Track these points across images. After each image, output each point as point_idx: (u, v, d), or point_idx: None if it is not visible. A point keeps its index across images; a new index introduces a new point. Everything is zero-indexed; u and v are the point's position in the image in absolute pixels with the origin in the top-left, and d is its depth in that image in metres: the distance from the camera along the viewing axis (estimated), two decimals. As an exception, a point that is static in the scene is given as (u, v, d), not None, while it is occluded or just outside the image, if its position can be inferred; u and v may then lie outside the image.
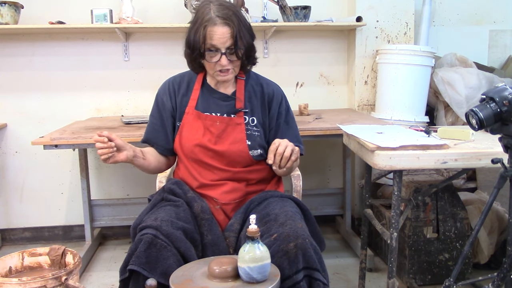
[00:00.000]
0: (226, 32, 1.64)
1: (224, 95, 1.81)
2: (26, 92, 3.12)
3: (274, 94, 1.85)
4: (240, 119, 1.78)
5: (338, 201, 3.30)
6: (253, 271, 1.32)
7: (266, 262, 1.34)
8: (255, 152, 1.78)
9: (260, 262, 1.32)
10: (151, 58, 3.17)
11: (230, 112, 1.79)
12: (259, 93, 1.84)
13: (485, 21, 3.45)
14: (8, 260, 1.83)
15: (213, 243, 1.65)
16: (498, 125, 1.59)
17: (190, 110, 1.79)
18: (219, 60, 1.67)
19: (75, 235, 3.28)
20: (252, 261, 1.32)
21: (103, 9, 2.87)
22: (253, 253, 1.32)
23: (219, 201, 1.75)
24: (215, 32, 1.64)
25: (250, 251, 1.33)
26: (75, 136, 2.40)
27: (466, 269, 2.42)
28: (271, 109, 1.83)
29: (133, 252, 1.49)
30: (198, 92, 1.81)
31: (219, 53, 1.66)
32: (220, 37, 1.64)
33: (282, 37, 3.25)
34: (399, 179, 1.85)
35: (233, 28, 1.65)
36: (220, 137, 1.76)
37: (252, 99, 1.82)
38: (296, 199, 1.82)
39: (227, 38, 1.64)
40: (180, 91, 1.83)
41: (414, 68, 2.86)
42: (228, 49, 1.66)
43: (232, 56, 1.69)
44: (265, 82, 1.88)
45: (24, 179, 3.20)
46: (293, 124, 1.89)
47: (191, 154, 1.77)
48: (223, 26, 1.64)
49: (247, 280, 1.34)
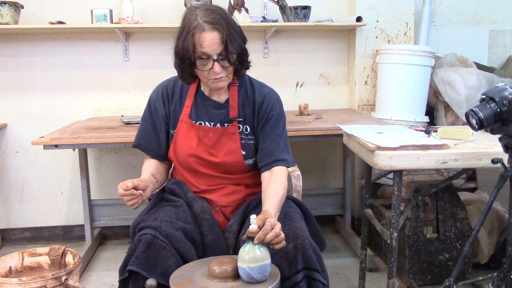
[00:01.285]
0: (215, 38, 1.55)
1: (217, 103, 1.74)
2: (26, 92, 3.12)
3: (265, 99, 1.75)
4: (234, 128, 1.73)
5: (338, 201, 3.29)
6: (253, 271, 1.32)
7: (267, 262, 1.34)
8: (250, 161, 1.74)
9: (261, 262, 1.32)
10: (151, 58, 3.17)
11: (223, 121, 1.73)
12: (251, 98, 1.76)
13: (485, 21, 3.45)
14: (8, 260, 1.83)
15: (214, 243, 1.65)
16: (498, 125, 1.59)
17: (184, 118, 1.74)
18: (212, 67, 1.58)
19: (75, 235, 3.28)
20: (252, 261, 1.31)
21: (103, 9, 2.87)
22: (253, 253, 1.32)
23: (219, 203, 1.73)
24: (205, 39, 1.55)
25: (250, 251, 1.33)
26: (75, 136, 2.40)
27: (466, 269, 2.42)
28: (260, 115, 1.75)
29: (132, 252, 1.49)
30: (192, 99, 1.75)
31: (211, 61, 1.58)
32: (210, 44, 1.55)
33: (282, 37, 3.25)
34: (399, 179, 1.85)
35: (223, 33, 1.56)
36: (215, 148, 1.72)
37: (245, 106, 1.75)
38: (296, 199, 1.81)
39: (217, 44, 1.56)
40: (174, 97, 1.77)
41: (414, 68, 2.86)
42: (220, 55, 1.58)
43: (224, 62, 1.60)
44: (258, 88, 1.78)
45: (24, 179, 3.20)
46: (284, 132, 1.78)
47: (185, 163, 1.74)
48: (212, 31, 1.55)
49: (247, 280, 1.33)
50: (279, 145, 1.73)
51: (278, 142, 1.74)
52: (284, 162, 1.73)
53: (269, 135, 1.73)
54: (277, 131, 1.74)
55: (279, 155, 1.72)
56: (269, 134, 1.73)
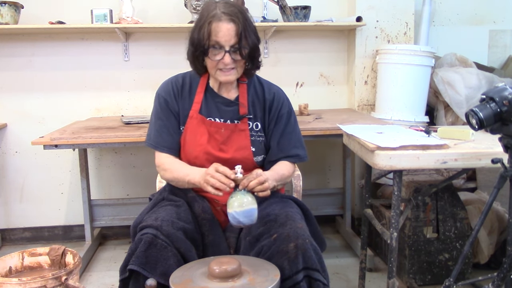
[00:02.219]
0: (231, 29, 1.60)
1: (227, 100, 1.76)
2: (26, 92, 3.12)
3: (275, 98, 1.79)
4: (244, 125, 1.75)
5: (338, 201, 3.29)
6: (239, 215, 1.44)
7: (252, 207, 1.46)
8: (259, 158, 1.76)
9: (246, 207, 1.45)
10: (151, 58, 3.17)
11: (233, 118, 1.75)
12: (261, 97, 1.79)
13: (485, 21, 3.45)
14: (8, 260, 1.83)
15: (214, 243, 1.65)
16: (498, 125, 1.59)
17: (194, 114, 1.74)
18: (222, 58, 1.62)
19: (75, 235, 3.28)
20: (238, 206, 1.45)
21: (103, 9, 2.86)
22: (238, 199, 1.45)
23: (220, 202, 1.73)
24: (220, 29, 1.59)
25: (236, 197, 1.46)
26: (75, 136, 2.40)
27: (466, 269, 2.42)
28: (271, 113, 1.78)
29: (133, 251, 1.49)
30: (202, 95, 1.76)
31: (222, 51, 1.62)
32: (224, 34, 1.59)
33: (282, 37, 3.25)
34: (399, 179, 1.85)
35: (239, 25, 1.60)
36: (225, 144, 1.72)
37: (255, 104, 1.78)
38: (297, 199, 1.82)
39: (231, 36, 1.60)
40: (183, 93, 1.77)
41: (414, 68, 2.86)
42: (232, 47, 1.61)
43: (236, 55, 1.63)
44: (267, 86, 1.82)
45: (24, 179, 3.20)
46: (296, 129, 1.82)
47: (194, 159, 1.73)
48: (228, 22, 1.59)
49: (236, 224, 1.48)
50: (290, 142, 1.79)
51: (289, 139, 1.79)
52: (295, 158, 1.79)
53: (280, 133, 1.78)
54: (288, 129, 1.80)
55: (290, 151, 1.78)
56: (280, 132, 1.78)
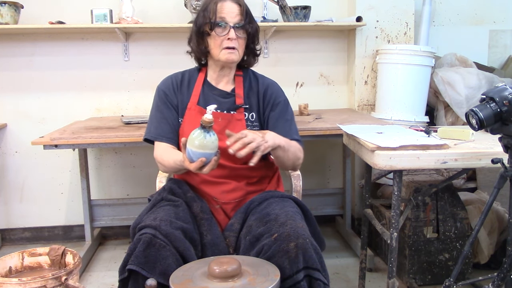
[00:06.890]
0: (235, 8, 1.72)
1: (224, 92, 1.83)
2: (26, 92, 3.12)
3: (268, 88, 1.86)
4: (240, 115, 1.80)
5: (338, 201, 3.29)
6: (194, 155, 1.45)
7: (209, 152, 1.44)
8: None
9: (201, 150, 1.44)
10: (151, 58, 3.17)
11: (230, 109, 1.81)
12: (256, 88, 1.86)
13: (485, 21, 3.45)
14: (8, 260, 1.83)
15: (213, 243, 1.65)
16: (498, 125, 1.59)
17: (192, 106, 1.81)
18: (228, 33, 1.71)
19: (75, 235, 3.28)
20: (198, 147, 1.43)
21: (103, 9, 2.87)
22: (199, 139, 1.43)
23: (219, 200, 1.75)
24: (226, 6, 1.71)
25: (197, 136, 1.44)
26: (75, 136, 2.40)
27: (466, 269, 2.42)
28: (265, 101, 1.84)
29: (132, 251, 1.49)
30: (200, 88, 1.83)
31: (228, 27, 1.71)
32: (229, 11, 1.71)
33: (282, 37, 3.25)
34: (399, 179, 1.85)
35: (243, 7, 1.73)
36: (222, 133, 1.74)
37: (250, 96, 1.84)
38: (297, 199, 1.82)
39: (236, 14, 1.72)
40: (182, 88, 1.85)
41: (414, 68, 2.86)
42: (237, 24, 1.72)
43: (240, 32, 1.73)
44: (261, 78, 1.90)
45: (24, 179, 3.20)
46: (291, 117, 1.87)
47: None
48: (233, 2, 1.73)
49: (189, 160, 1.48)
50: (291, 128, 1.82)
51: (290, 126, 1.83)
52: (299, 142, 1.82)
53: (279, 120, 1.82)
54: (286, 116, 1.84)
55: (293, 136, 1.80)
56: (279, 118, 1.82)
